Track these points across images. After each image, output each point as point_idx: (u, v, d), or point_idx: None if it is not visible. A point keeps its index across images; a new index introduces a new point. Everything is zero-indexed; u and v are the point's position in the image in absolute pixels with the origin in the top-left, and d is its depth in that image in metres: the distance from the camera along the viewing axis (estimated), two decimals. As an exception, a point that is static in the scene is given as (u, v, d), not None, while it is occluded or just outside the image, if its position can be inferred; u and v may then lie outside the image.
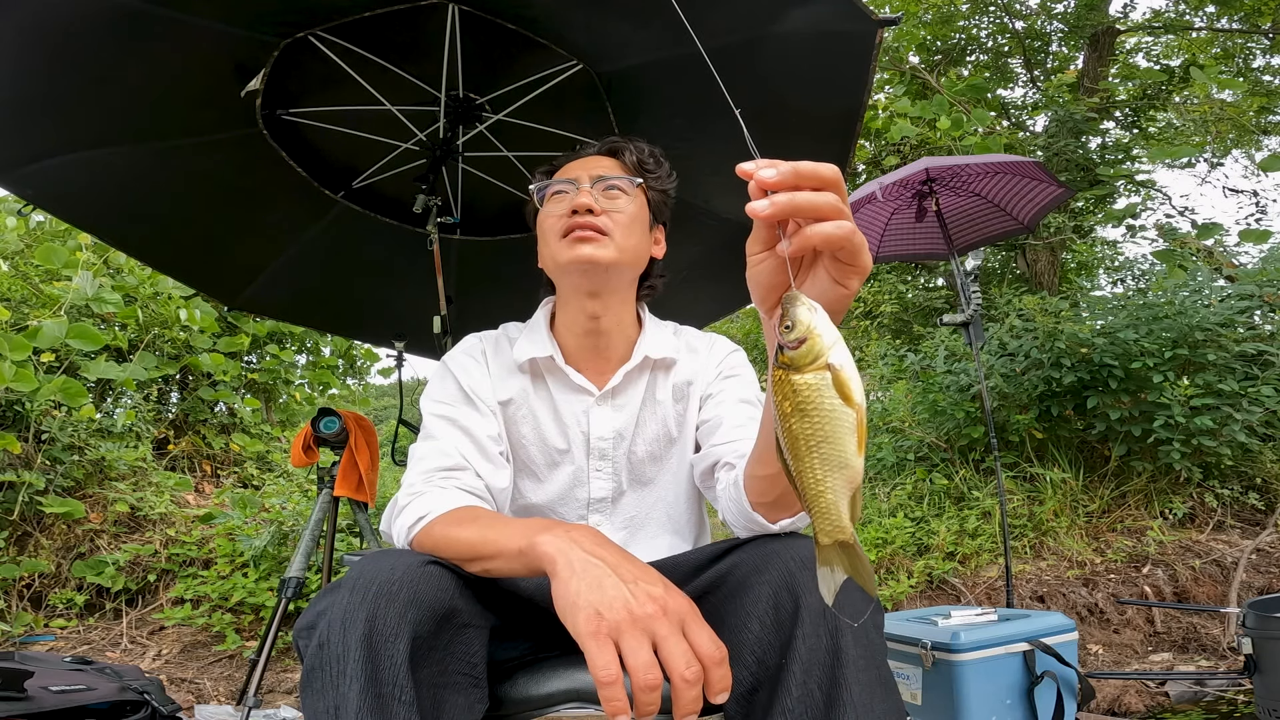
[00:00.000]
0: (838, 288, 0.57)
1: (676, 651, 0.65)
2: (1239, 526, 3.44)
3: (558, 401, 1.12)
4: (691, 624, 0.68)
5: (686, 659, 0.64)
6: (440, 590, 0.79)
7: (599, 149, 1.15)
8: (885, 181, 3.13)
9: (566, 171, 1.11)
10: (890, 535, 3.67)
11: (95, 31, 1.59)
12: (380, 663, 0.71)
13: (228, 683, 2.95)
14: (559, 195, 1.09)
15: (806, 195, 0.53)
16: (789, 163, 0.53)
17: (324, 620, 0.74)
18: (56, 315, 3.42)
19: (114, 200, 2.13)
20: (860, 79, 1.73)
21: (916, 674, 1.91)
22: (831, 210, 0.53)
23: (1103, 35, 7.78)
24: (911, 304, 7.05)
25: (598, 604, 0.67)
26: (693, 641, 0.66)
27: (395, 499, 0.97)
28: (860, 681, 0.74)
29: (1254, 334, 3.64)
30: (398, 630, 0.73)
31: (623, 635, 0.65)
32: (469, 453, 1.03)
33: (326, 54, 1.77)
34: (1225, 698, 2.40)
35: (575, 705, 0.92)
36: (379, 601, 0.73)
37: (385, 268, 2.52)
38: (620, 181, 1.09)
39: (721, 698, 0.65)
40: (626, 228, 1.08)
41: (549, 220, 1.08)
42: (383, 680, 0.70)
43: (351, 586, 0.75)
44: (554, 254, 1.07)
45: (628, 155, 1.13)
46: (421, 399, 1.12)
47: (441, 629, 0.78)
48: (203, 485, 4.31)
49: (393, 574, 0.76)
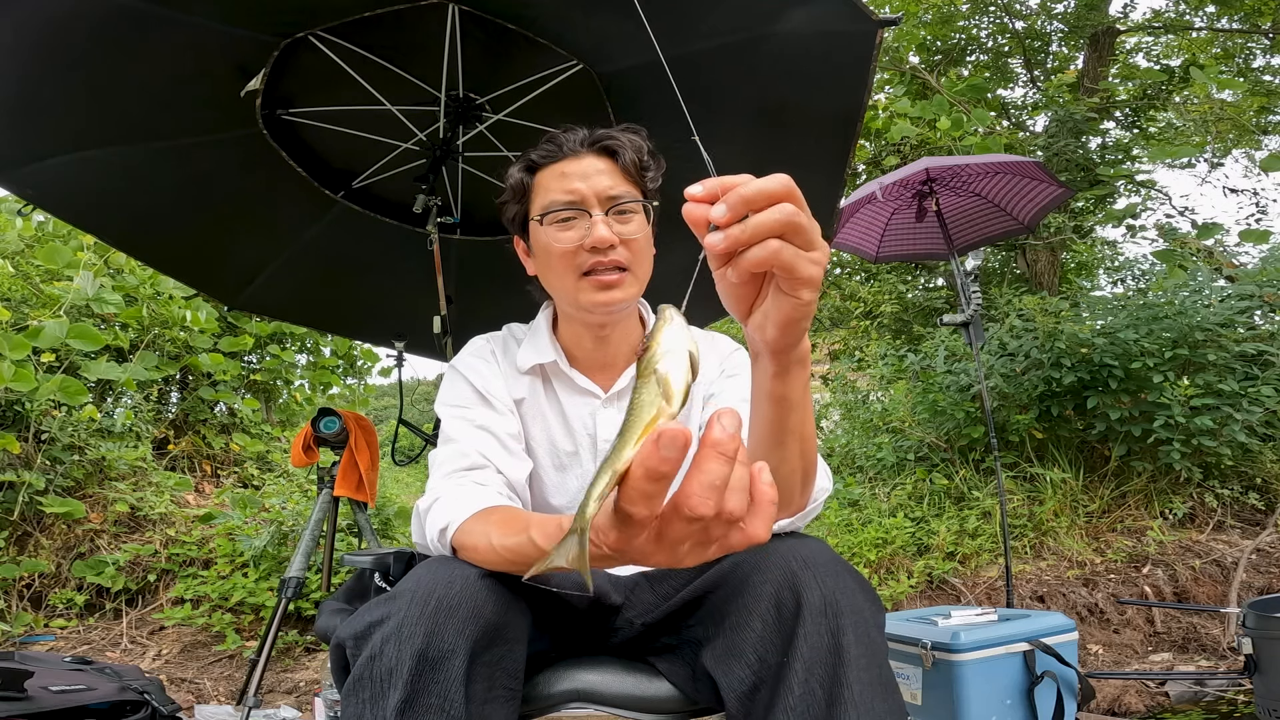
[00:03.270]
0: (789, 299, 0.57)
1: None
2: (1239, 526, 3.44)
3: (565, 404, 1.11)
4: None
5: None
6: (496, 605, 0.79)
7: (591, 144, 1.05)
8: (885, 181, 3.13)
9: (564, 180, 1.03)
10: (890, 535, 3.67)
11: (95, 31, 1.59)
12: (435, 678, 0.71)
13: (228, 683, 2.95)
14: (568, 221, 1.02)
15: (757, 220, 0.52)
16: (735, 189, 0.52)
17: (378, 632, 0.74)
18: (57, 315, 3.41)
19: (114, 200, 2.13)
20: (860, 79, 1.73)
21: (916, 674, 1.91)
22: (783, 227, 0.52)
23: (1103, 35, 7.78)
24: (911, 304, 7.05)
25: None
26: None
27: (417, 506, 0.96)
28: (862, 680, 0.74)
29: (1254, 334, 3.64)
30: (455, 646, 0.73)
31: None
32: (489, 450, 1.01)
33: (326, 54, 1.77)
34: (1225, 698, 2.40)
35: (578, 705, 0.92)
36: (439, 616, 0.73)
37: (385, 268, 2.52)
38: (633, 204, 1.03)
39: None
40: (642, 253, 1.05)
41: (560, 250, 1.02)
42: (433, 695, 0.71)
43: (410, 598, 0.75)
44: (571, 292, 1.04)
45: (625, 156, 1.04)
46: (436, 405, 1.11)
47: (493, 644, 0.78)
48: (203, 485, 4.31)
49: (451, 587, 0.76)
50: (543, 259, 1.07)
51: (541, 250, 1.06)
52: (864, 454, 4.62)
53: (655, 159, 1.09)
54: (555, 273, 1.05)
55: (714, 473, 0.45)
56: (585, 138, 1.05)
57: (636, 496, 0.45)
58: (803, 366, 0.66)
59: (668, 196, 1.92)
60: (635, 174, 1.05)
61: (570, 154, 1.04)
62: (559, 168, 1.05)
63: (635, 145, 1.06)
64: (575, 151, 1.04)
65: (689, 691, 0.92)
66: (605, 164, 1.04)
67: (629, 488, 0.45)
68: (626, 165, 1.04)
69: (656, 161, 1.10)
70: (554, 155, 1.05)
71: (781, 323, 0.59)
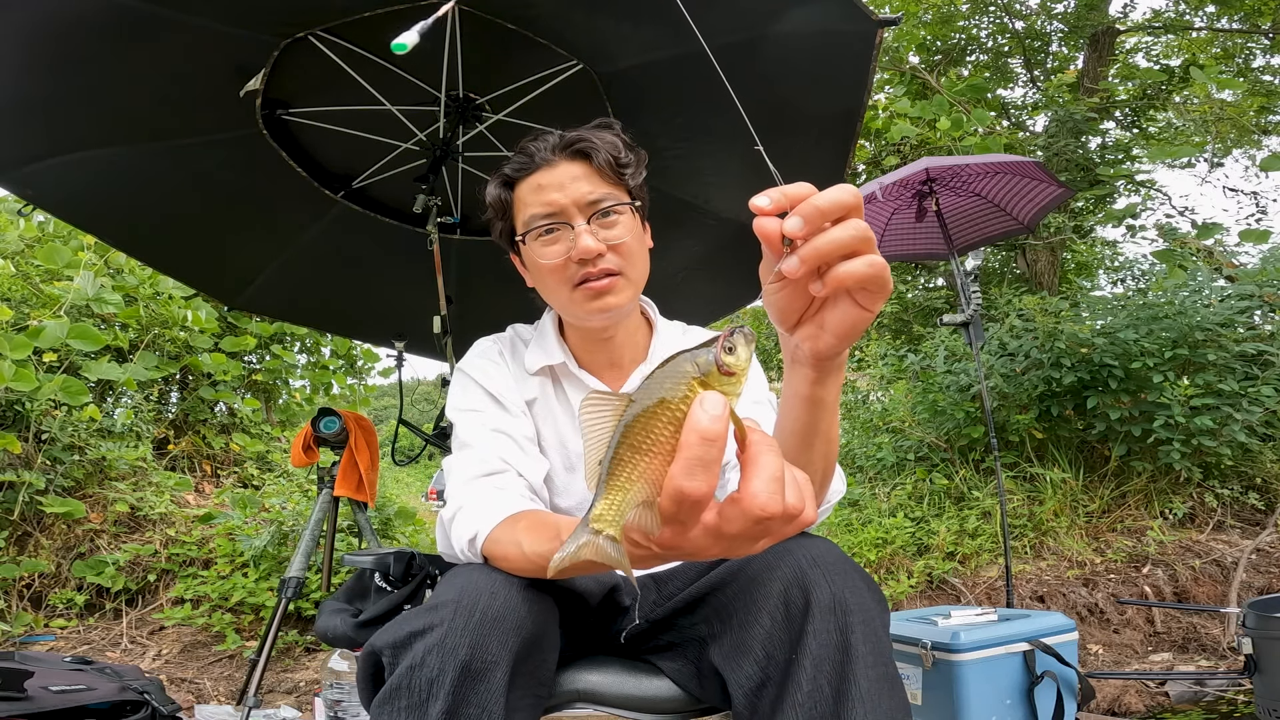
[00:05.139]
0: (862, 312, 0.57)
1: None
2: (1239, 526, 3.44)
3: (574, 405, 1.11)
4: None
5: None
6: (537, 617, 0.79)
7: (564, 148, 1.01)
8: (885, 181, 3.13)
9: (541, 193, 1.00)
10: (890, 535, 3.67)
11: (95, 31, 1.59)
12: (477, 689, 0.71)
13: (228, 683, 2.95)
14: (552, 234, 1.00)
15: (831, 238, 0.51)
16: (808, 200, 0.51)
17: (420, 642, 0.74)
18: (57, 315, 3.41)
19: (114, 200, 2.13)
20: (860, 79, 1.73)
21: (917, 674, 1.91)
22: (858, 243, 0.52)
23: (1103, 35, 7.78)
24: (911, 304, 7.06)
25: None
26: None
27: (440, 516, 0.95)
28: (869, 678, 0.74)
29: (1254, 334, 3.64)
30: (499, 658, 0.73)
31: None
32: (507, 453, 1.00)
33: (326, 54, 1.77)
34: (1225, 698, 2.40)
35: (581, 705, 0.92)
36: (484, 628, 0.73)
37: (385, 268, 2.52)
38: (616, 206, 1.00)
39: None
40: (633, 254, 1.02)
41: (548, 267, 1.00)
42: (473, 706, 0.71)
43: (455, 609, 0.75)
44: (566, 305, 1.03)
45: (599, 157, 1.00)
46: (447, 410, 1.09)
47: (532, 654, 0.79)
48: (203, 485, 4.31)
49: (495, 598, 0.76)
50: (534, 274, 1.06)
51: (531, 266, 1.05)
52: (864, 454, 4.62)
53: (634, 152, 1.05)
54: (548, 287, 1.04)
55: (772, 466, 0.45)
56: (556, 143, 1.02)
57: (695, 466, 0.44)
58: (840, 371, 0.67)
59: (667, 196, 1.92)
60: (613, 173, 1.01)
61: (543, 163, 1.01)
62: (534, 179, 1.01)
63: (609, 143, 1.02)
64: (548, 160, 1.01)
65: (694, 689, 0.92)
66: (581, 168, 1.01)
67: (686, 459, 0.44)
68: (602, 166, 1.00)
69: (636, 154, 1.05)
70: (527, 167, 1.02)
71: (843, 333, 0.59)
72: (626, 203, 1.02)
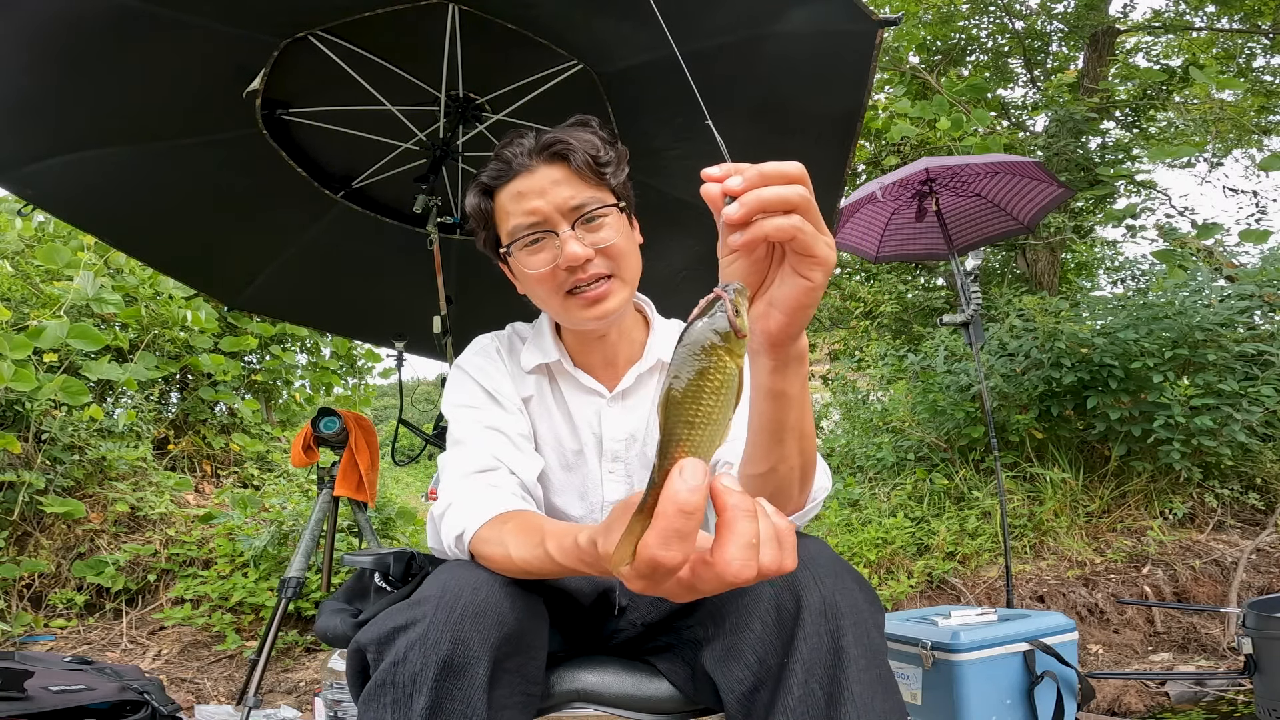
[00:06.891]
0: (801, 280, 0.57)
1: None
2: (1239, 526, 3.44)
3: (570, 403, 1.11)
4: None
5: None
6: (519, 612, 0.79)
7: (540, 152, 0.98)
8: (885, 181, 3.13)
9: (521, 201, 0.97)
10: (890, 535, 3.67)
11: (95, 31, 1.59)
12: (459, 684, 0.71)
13: (228, 683, 2.95)
14: (537, 244, 0.98)
15: (773, 190, 0.53)
16: (754, 166, 0.54)
17: (403, 637, 0.74)
18: (57, 315, 3.41)
19: (114, 200, 2.13)
20: (860, 79, 1.73)
21: (916, 674, 1.91)
22: (798, 202, 0.54)
23: (1103, 35, 7.77)
24: (911, 304, 7.04)
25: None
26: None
27: (431, 511, 0.95)
28: (862, 681, 0.74)
29: (1254, 334, 3.64)
30: (480, 653, 0.73)
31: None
32: (501, 450, 0.99)
33: (326, 54, 1.77)
34: (1225, 698, 2.40)
35: (579, 705, 0.92)
36: (464, 623, 0.73)
37: (386, 268, 2.52)
38: (599, 209, 0.98)
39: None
40: (624, 254, 1.00)
41: (537, 277, 0.99)
42: (456, 702, 0.71)
43: (436, 604, 0.75)
44: (559, 313, 1.02)
45: (577, 158, 0.97)
46: (443, 406, 1.09)
47: (516, 650, 0.78)
48: (203, 485, 4.31)
49: (477, 593, 0.76)
50: (524, 283, 1.04)
51: (520, 275, 1.03)
52: (864, 454, 4.62)
53: (613, 149, 1.02)
54: (539, 296, 1.02)
55: (747, 533, 0.45)
56: (533, 147, 0.98)
57: (671, 537, 0.44)
58: (801, 363, 0.66)
59: (666, 195, 1.92)
60: (593, 174, 0.98)
61: (521, 169, 0.98)
62: (513, 187, 0.98)
63: (587, 143, 0.98)
64: (526, 165, 0.98)
65: (689, 692, 0.92)
66: (560, 171, 0.97)
67: (662, 529, 0.44)
68: (581, 167, 0.97)
69: (616, 151, 1.02)
70: (505, 174, 0.99)
71: (790, 308, 0.59)
72: (610, 204, 1.00)
